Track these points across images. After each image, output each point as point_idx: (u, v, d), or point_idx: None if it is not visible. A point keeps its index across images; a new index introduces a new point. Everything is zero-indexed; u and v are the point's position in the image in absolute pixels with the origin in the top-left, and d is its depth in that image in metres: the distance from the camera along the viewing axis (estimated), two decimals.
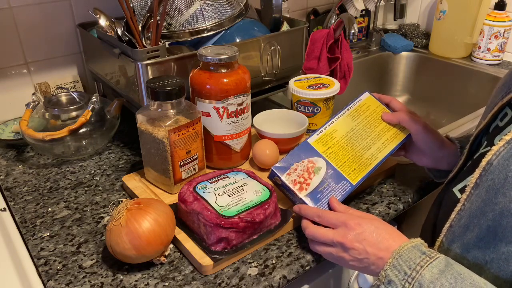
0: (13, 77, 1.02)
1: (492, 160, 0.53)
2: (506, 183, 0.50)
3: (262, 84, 0.96)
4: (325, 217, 0.64)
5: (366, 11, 1.55)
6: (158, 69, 0.79)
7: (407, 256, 0.55)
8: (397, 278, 0.54)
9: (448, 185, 0.66)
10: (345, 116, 0.76)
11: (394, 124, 0.76)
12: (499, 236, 0.51)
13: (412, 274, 0.53)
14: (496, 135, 0.56)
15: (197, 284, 0.61)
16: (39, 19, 1.00)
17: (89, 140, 0.89)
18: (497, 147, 0.53)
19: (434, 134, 0.75)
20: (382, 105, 0.78)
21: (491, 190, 0.52)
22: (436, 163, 0.77)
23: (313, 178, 0.69)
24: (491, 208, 0.52)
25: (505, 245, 0.51)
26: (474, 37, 1.38)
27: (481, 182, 0.54)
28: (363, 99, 0.78)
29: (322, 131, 0.74)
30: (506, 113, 0.58)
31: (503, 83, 0.61)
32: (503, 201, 0.50)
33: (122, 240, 0.59)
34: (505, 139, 0.52)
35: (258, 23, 0.95)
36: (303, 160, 0.70)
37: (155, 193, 0.77)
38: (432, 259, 0.54)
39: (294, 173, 0.69)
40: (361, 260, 0.59)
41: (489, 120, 0.61)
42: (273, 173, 0.70)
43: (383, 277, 0.56)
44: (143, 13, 0.87)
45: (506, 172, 0.51)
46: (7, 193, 0.81)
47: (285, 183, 0.69)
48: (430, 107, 1.51)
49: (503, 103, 0.58)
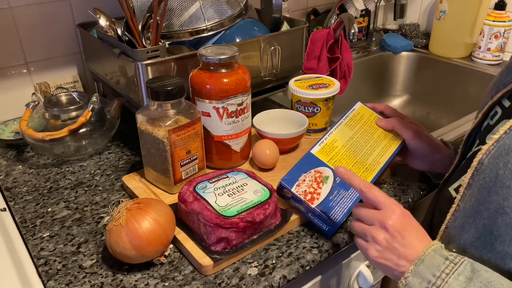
0: (13, 77, 1.02)
1: (482, 160, 0.53)
2: (497, 181, 0.51)
3: (262, 84, 0.96)
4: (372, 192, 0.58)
5: (366, 11, 1.55)
6: (158, 69, 0.79)
7: (430, 262, 0.52)
8: (420, 287, 0.51)
9: (443, 184, 0.67)
10: (342, 126, 0.78)
11: (389, 130, 0.78)
12: (494, 235, 0.51)
13: (437, 282, 0.50)
14: (488, 133, 0.57)
15: (197, 284, 0.61)
16: (39, 19, 1.00)
17: (89, 140, 0.89)
18: (487, 146, 0.53)
19: (427, 138, 0.76)
20: (375, 113, 0.81)
21: (484, 189, 0.53)
22: (432, 167, 0.78)
23: (322, 188, 0.69)
24: (486, 207, 0.52)
25: (500, 244, 0.51)
26: (474, 37, 1.38)
27: (473, 182, 0.55)
28: (356, 108, 0.81)
29: (323, 142, 0.75)
30: (496, 111, 0.59)
31: (494, 82, 0.62)
32: (497, 199, 0.51)
33: (122, 240, 0.59)
34: (494, 138, 0.53)
35: (258, 23, 0.95)
36: (310, 171, 0.71)
37: (155, 193, 0.77)
38: (457, 265, 0.51)
39: (303, 184, 0.69)
40: (392, 249, 0.55)
41: (480, 119, 0.62)
42: (281, 187, 0.70)
43: (403, 285, 0.53)
44: (143, 13, 0.87)
45: (497, 170, 0.51)
46: (7, 193, 0.81)
47: (296, 195, 0.69)
48: (430, 107, 1.51)
49: (493, 102, 0.59)
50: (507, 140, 0.51)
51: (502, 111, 0.58)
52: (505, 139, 0.51)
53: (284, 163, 0.85)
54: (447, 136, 0.99)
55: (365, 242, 0.58)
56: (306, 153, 0.73)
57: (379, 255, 0.56)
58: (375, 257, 0.57)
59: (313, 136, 0.95)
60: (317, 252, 0.67)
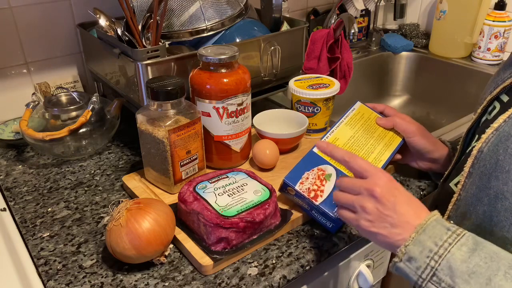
0: (13, 77, 1.02)
1: (482, 148, 0.54)
2: (497, 167, 0.51)
3: (262, 84, 0.96)
4: (356, 161, 0.56)
5: (366, 11, 1.55)
6: (158, 69, 0.79)
7: (432, 231, 0.50)
8: (420, 255, 0.49)
9: (444, 182, 0.67)
10: (343, 125, 0.78)
11: (389, 128, 0.79)
12: (494, 221, 0.52)
13: (439, 251, 0.48)
14: (486, 128, 0.57)
15: (197, 284, 0.61)
16: (39, 19, 1.00)
17: (89, 140, 0.89)
18: (486, 135, 0.54)
19: (427, 137, 0.76)
20: (375, 112, 0.81)
21: (484, 175, 0.53)
22: (431, 166, 0.78)
23: (325, 185, 0.70)
24: (486, 193, 0.53)
25: (499, 230, 0.51)
26: (474, 37, 1.38)
27: (473, 170, 0.55)
28: (356, 108, 0.82)
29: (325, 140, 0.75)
30: (495, 106, 0.60)
31: (492, 79, 0.63)
32: (496, 184, 0.51)
33: (122, 240, 0.59)
34: (493, 127, 0.54)
35: (258, 23, 0.95)
36: (312, 169, 0.71)
37: (155, 193, 0.77)
38: (459, 236, 0.49)
39: (306, 181, 0.70)
40: (384, 217, 0.52)
41: (479, 115, 0.63)
42: (285, 184, 0.70)
43: (403, 254, 0.50)
44: (143, 13, 0.87)
45: (497, 156, 0.52)
46: (7, 193, 0.81)
47: (299, 193, 0.69)
48: (430, 107, 1.51)
49: (491, 97, 0.60)
50: (506, 127, 0.52)
51: (500, 106, 0.59)
52: (504, 126, 0.52)
53: (284, 163, 0.85)
54: (447, 136, 0.99)
55: (353, 214, 0.55)
56: (308, 151, 0.74)
57: (371, 224, 0.53)
58: (367, 227, 0.53)
59: (313, 136, 0.95)
60: (317, 252, 0.67)
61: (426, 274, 0.48)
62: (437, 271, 0.48)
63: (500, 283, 0.45)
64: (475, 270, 0.46)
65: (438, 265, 0.48)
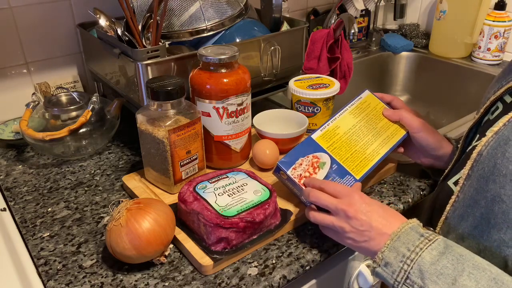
0: (13, 77, 1.02)
1: (482, 151, 0.55)
2: (495, 170, 0.52)
3: (262, 84, 0.96)
4: (331, 185, 0.63)
5: (366, 11, 1.55)
6: (158, 69, 0.79)
7: (405, 238, 0.55)
8: (395, 260, 0.54)
9: (443, 180, 0.68)
10: (347, 113, 0.77)
11: (394, 121, 0.78)
12: (491, 223, 0.53)
13: (411, 256, 0.53)
14: (488, 128, 0.58)
15: (197, 284, 0.61)
16: (39, 19, 1.00)
17: (89, 140, 0.89)
18: (486, 138, 0.55)
19: (433, 133, 0.76)
20: (382, 103, 0.80)
21: (482, 178, 0.54)
22: (434, 162, 0.78)
23: (318, 173, 0.70)
24: (483, 196, 0.54)
25: (497, 232, 0.52)
26: (474, 37, 1.38)
27: (472, 173, 0.56)
28: (364, 97, 0.80)
29: (326, 127, 0.75)
30: (498, 106, 0.60)
31: (497, 79, 0.63)
32: (494, 187, 0.52)
33: (122, 240, 0.59)
34: (493, 130, 0.55)
35: (258, 23, 0.95)
36: (307, 156, 0.71)
37: (155, 193, 0.77)
38: (431, 241, 0.54)
39: (299, 167, 0.70)
40: (362, 232, 0.58)
41: (481, 114, 0.63)
42: (278, 168, 0.71)
43: (380, 259, 0.55)
44: (143, 13, 0.87)
45: (495, 160, 0.52)
46: (7, 193, 0.81)
47: (291, 177, 0.69)
48: (430, 107, 1.51)
49: (495, 97, 0.60)
50: (506, 132, 0.53)
51: (503, 106, 0.59)
52: (504, 130, 0.53)
53: None
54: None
55: (336, 234, 0.62)
56: (306, 137, 0.74)
57: (353, 241, 0.59)
58: (350, 244, 0.60)
59: None
60: (317, 252, 0.67)
61: (401, 277, 0.53)
62: (409, 274, 0.52)
63: (464, 282, 0.49)
64: (442, 272, 0.51)
65: (411, 269, 0.52)
